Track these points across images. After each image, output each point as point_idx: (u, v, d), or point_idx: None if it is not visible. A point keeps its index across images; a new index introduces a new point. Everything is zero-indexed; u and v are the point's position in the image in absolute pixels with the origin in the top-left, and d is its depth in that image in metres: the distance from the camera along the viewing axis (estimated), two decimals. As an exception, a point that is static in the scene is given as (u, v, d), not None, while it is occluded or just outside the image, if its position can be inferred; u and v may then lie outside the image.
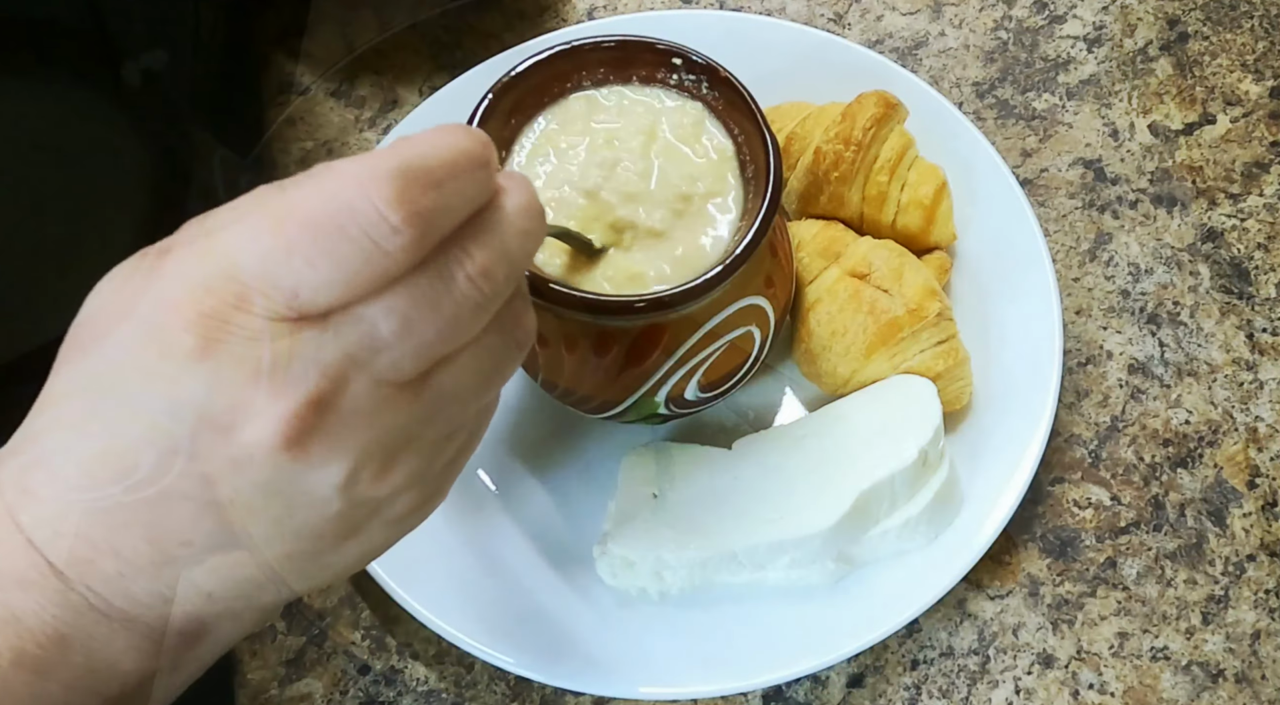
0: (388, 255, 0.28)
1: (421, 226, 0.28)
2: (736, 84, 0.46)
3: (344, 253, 0.28)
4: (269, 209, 0.28)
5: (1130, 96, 0.64)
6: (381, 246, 0.28)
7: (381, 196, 0.28)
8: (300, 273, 0.28)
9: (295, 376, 0.28)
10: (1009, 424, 0.53)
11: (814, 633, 0.49)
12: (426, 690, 0.52)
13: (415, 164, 0.29)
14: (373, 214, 0.28)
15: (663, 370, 0.47)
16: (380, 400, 0.30)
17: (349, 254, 0.28)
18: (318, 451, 0.29)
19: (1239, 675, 0.51)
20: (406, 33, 0.66)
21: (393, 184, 0.28)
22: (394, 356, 0.29)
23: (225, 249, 0.28)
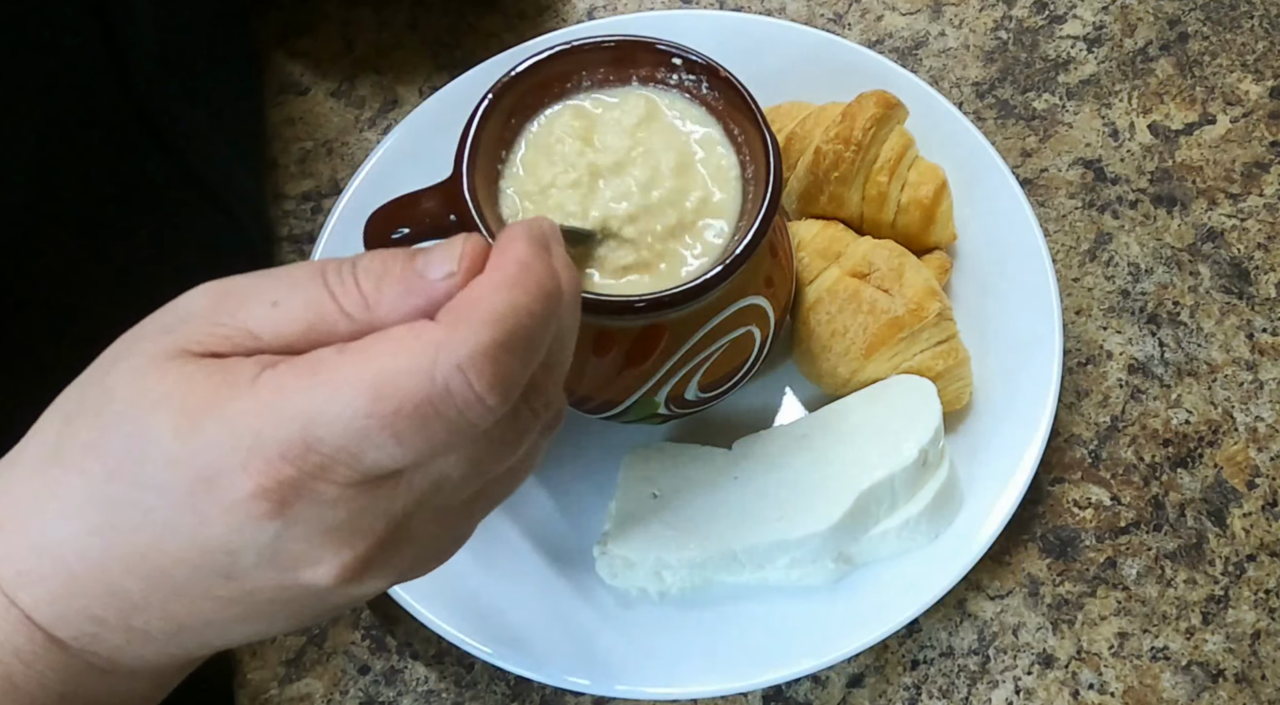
0: (476, 427, 0.28)
1: (511, 394, 0.28)
2: (736, 84, 0.46)
3: (435, 431, 0.27)
4: (354, 371, 0.27)
5: (1130, 96, 0.64)
6: (474, 422, 0.28)
7: (481, 379, 0.27)
8: (389, 450, 0.27)
9: (365, 529, 0.28)
10: (1009, 424, 0.53)
11: (814, 633, 0.49)
12: (426, 690, 0.52)
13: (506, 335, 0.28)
14: (470, 398, 0.27)
15: (663, 370, 0.47)
16: (435, 523, 0.31)
17: (439, 431, 0.27)
18: (370, 579, 0.29)
19: (1239, 675, 0.51)
20: (406, 33, 0.66)
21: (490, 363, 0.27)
22: (458, 489, 0.30)
23: (308, 413, 0.27)
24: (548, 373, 0.30)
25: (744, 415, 0.55)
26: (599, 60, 0.47)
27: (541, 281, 0.29)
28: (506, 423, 0.29)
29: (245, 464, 0.27)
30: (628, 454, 0.52)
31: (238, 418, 0.27)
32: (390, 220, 0.44)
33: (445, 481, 0.29)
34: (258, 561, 0.28)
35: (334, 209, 0.57)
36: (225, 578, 0.28)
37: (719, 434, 0.53)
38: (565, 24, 0.66)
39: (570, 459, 0.54)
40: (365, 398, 0.27)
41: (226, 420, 0.27)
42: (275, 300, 0.29)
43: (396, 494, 0.28)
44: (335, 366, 0.27)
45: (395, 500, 0.28)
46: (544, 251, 0.30)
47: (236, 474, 0.27)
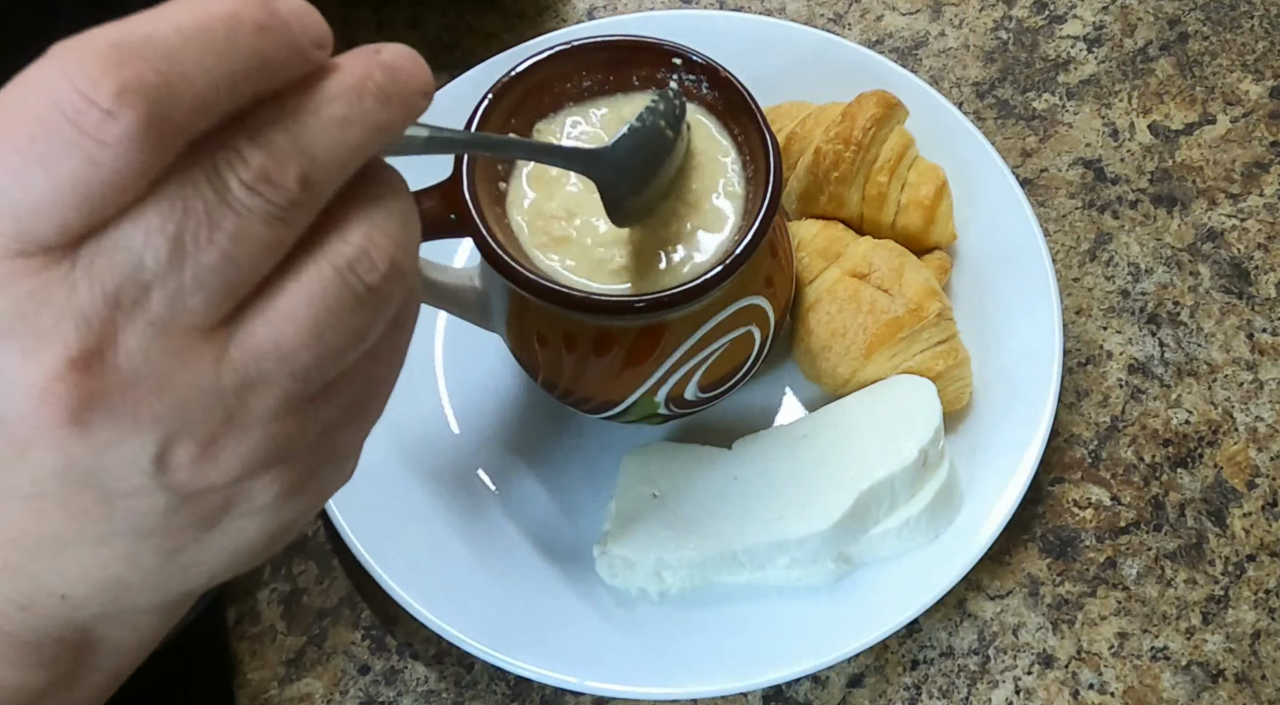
0: (110, 148, 0.21)
1: (145, 106, 0.21)
2: (736, 84, 0.46)
3: (56, 156, 0.21)
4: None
5: (1130, 96, 0.64)
6: (98, 138, 0.21)
7: (85, 75, 0.21)
8: (12, 192, 0.21)
9: (45, 328, 0.22)
10: (1009, 424, 0.53)
11: (814, 633, 0.49)
12: (426, 690, 0.52)
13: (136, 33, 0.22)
14: (76, 98, 0.21)
15: (663, 370, 0.47)
16: (170, 355, 0.23)
17: (63, 157, 0.21)
18: (102, 422, 0.23)
19: (1239, 675, 0.51)
20: (406, 33, 0.66)
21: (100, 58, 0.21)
22: (171, 292, 0.23)
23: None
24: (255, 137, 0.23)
25: (744, 415, 0.55)
26: (599, 60, 0.47)
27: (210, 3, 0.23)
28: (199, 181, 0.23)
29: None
30: (628, 454, 0.52)
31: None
32: (390, 220, 0.44)
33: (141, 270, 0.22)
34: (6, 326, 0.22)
35: (334, 209, 0.57)
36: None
37: (719, 434, 0.53)
38: (565, 24, 0.66)
39: (570, 459, 0.55)
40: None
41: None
42: None
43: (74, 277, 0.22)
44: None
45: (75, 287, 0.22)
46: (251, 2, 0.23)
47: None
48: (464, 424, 0.55)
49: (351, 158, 0.24)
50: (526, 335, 0.47)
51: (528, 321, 0.47)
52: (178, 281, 0.23)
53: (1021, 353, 0.54)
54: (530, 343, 0.47)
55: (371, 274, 0.25)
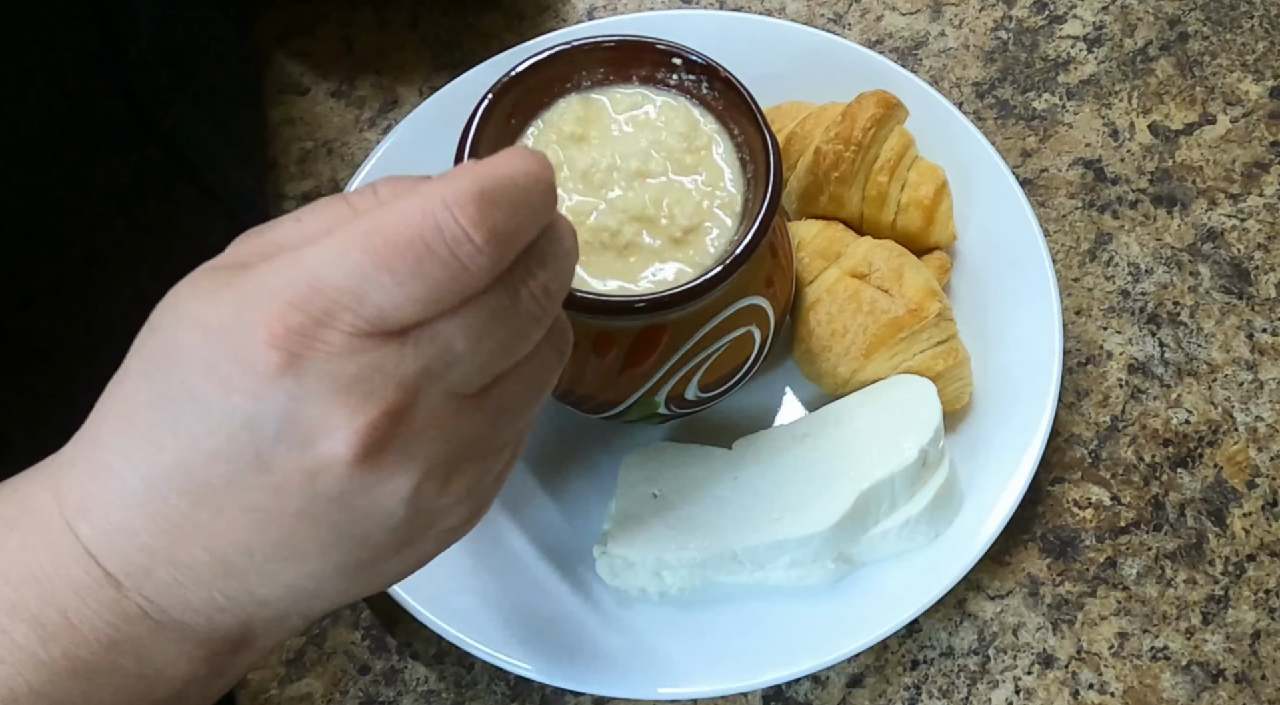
0: (469, 273, 0.29)
1: (501, 247, 0.29)
2: (736, 84, 0.46)
3: (431, 270, 0.28)
4: (355, 226, 0.29)
5: (1130, 96, 0.64)
6: (466, 265, 0.29)
7: (467, 217, 0.28)
8: (389, 289, 0.28)
9: (375, 390, 0.29)
10: (1009, 424, 0.53)
11: (814, 633, 0.49)
12: (426, 690, 0.52)
13: (493, 186, 0.29)
14: (459, 234, 0.28)
15: (663, 370, 0.47)
16: (449, 413, 0.30)
17: (435, 272, 0.28)
18: (389, 464, 0.29)
19: (1239, 675, 0.51)
20: (406, 33, 0.66)
21: (476, 205, 0.29)
22: (465, 370, 0.30)
23: (312, 264, 0.28)
24: (542, 265, 0.31)
25: (744, 415, 0.55)
26: (599, 60, 0.47)
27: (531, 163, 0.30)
28: (505, 296, 0.30)
29: (257, 316, 0.28)
30: (628, 454, 0.52)
31: (252, 281, 0.29)
32: (390, 220, 0.44)
33: (451, 354, 0.30)
34: (277, 433, 0.28)
35: (334, 209, 0.57)
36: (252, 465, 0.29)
37: (719, 434, 0.53)
38: (565, 24, 0.66)
39: (570, 459, 0.55)
40: (362, 237, 0.28)
41: (241, 287, 0.29)
42: (299, 218, 0.31)
43: (404, 353, 0.29)
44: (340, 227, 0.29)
45: (404, 361, 0.29)
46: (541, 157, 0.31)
47: (250, 328, 0.28)
48: (464, 424, 0.55)
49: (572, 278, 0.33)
50: (526, 335, 0.47)
51: (528, 321, 0.47)
52: (471, 363, 0.30)
53: (1021, 353, 0.54)
54: (530, 343, 0.47)
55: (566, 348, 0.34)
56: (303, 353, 0.28)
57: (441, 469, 0.31)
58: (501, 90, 0.46)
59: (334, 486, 0.29)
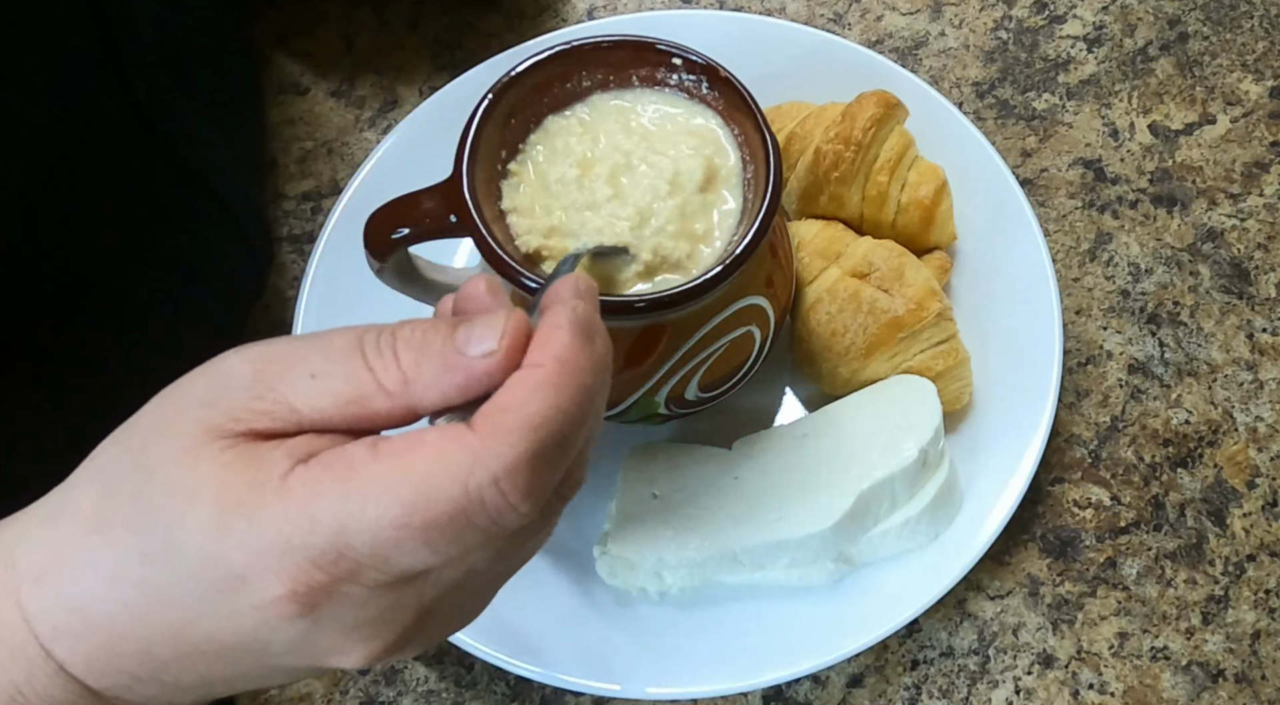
0: (507, 532, 0.28)
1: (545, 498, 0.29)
2: (736, 84, 0.46)
3: (467, 538, 0.28)
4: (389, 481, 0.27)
5: (1130, 96, 0.64)
6: (505, 528, 0.28)
7: (516, 491, 0.27)
8: (420, 556, 0.27)
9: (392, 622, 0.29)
10: (1009, 424, 0.53)
11: (814, 633, 0.49)
12: (426, 690, 0.52)
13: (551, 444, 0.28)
14: (504, 508, 0.27)
15: (663, 370, 0.47)
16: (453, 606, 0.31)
17: (471, 538, 0.28)
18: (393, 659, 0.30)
19: (1239, 675, 0.51)
20: (406, 33, 0.66)
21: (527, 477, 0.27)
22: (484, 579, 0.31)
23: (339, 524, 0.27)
24: (579, 459, 0.31)
25: (744, 415, 0.55)
26: (599, 60, 0.47)
27: (582, 381, 0.29)
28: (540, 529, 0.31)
29: (276, 568, 0.27)
30: (628, 454, 0.52)
31: (269, 522, 0.27)
32: (390, 220, 0.44)
33: (473, 572, 0.30)
34: (287, 650, 0.29)
35: (334, 209, 0.57)
36: (257, 655, 0.29)
37: (719, 434, 0.53)
38: (565, 24, 0.66)
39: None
40: (399, 508, 0.27)
41: (258, 523, 0.27)
42: (314, 372, 0.29)
43: (425, 589, 0.29)
44: (369, 472, 0.27)
45: (424, 595, 0.29)
46: (588, 343, 0.30)
47: (267, 577, 0.27)
48: (464, 424, 0.55)
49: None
50: (526, 335, 0.47)
51: (528, 321, 0.47)
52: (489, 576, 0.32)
53: (1021, 353, 0.54)
54: (530, 343, 0.47)
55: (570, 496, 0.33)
56: (319, 603, 0.28)
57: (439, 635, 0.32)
58: (501, 90, 0.45)
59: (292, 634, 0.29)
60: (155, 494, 0.28)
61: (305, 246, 0.61)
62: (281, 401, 0.29)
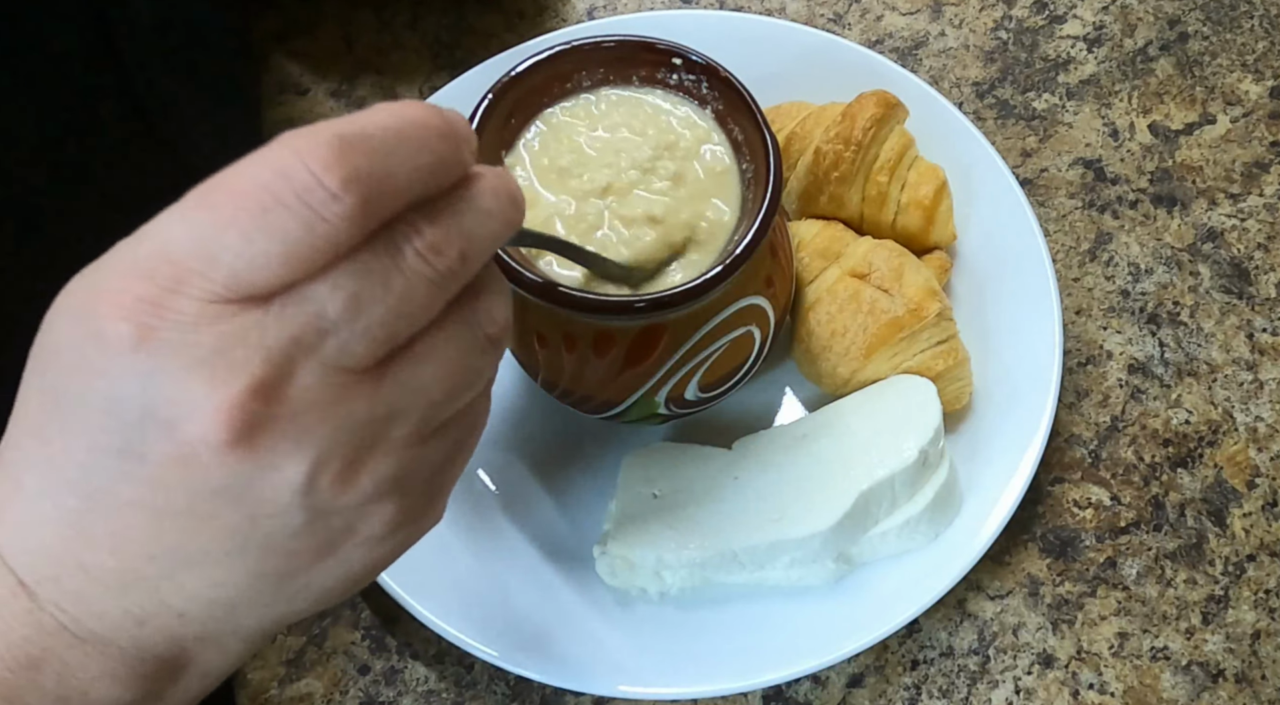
0: (328, 224, 0.26)
1: (362, 192, 0.26)
2: (736, 84, 0.46)
3: (281, 224, 0.25)
4: (202, 187, 0.26)
5: (1130, 96, 0.64)
6: (321, 214, 0.26)
7: (318, 160, 0.26)
8: (237, 248, 0.25)
9: (236, 363, 0.26)
10: (1009, 424, 0.53)
11: (814, 633, 0.49)
12: (426, 690, 0.52)
13: (354, 131, 0.26)
14: (309, 179, 0.25)
15: (663, 370, 0.47)
16: (333, 390, 0.27)
17: (287, 225, 0.26)
18: (267, 445, 0.26)
19: (1239, 675, 0.51)
20: (406, 33, 0.66)
21: (330, 148, 0.26)
22: (344, 339, 0.27)
23: (158, 231, 0.26)
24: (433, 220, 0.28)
25: (744, 415, 0.55)
26: (599, 60, 0.47)
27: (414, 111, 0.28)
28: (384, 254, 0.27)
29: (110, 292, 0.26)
30: (628, 454, 0.52)
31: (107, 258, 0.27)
32: (390, 220, 0.44)
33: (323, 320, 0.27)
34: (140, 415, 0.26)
35: (334, 209, 0.57)
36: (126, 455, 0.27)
37: (719, 434, 0.53)
38: (565, 24, 0.66)
39: (570, 459, 0.55)
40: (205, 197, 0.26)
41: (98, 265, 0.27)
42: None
43: (267, 320, 0.26)
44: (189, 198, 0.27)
45: (267, 328, 0.26)
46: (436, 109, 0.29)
47: (99, 302, 0.26)
48: (464, 424, 0.55)
49: (494, 243, 0.30)
50: (526, 335, 0.47)
51: (528, 321, 0.47)
52: (350, 331, 0.27)
53: (1021, 353, 0.54)
54: (530, 343, 0.47)
55: (492, 327, 0.30)
56: (153, 323, 0.26)
57: (337, 458, 0.27)
58: (501, 90, 0.46)
59: (212, 477, 0.26)
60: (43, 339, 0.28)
61: (305, 246, 0.61)
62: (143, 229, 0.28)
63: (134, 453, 0.26)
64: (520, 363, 0.50)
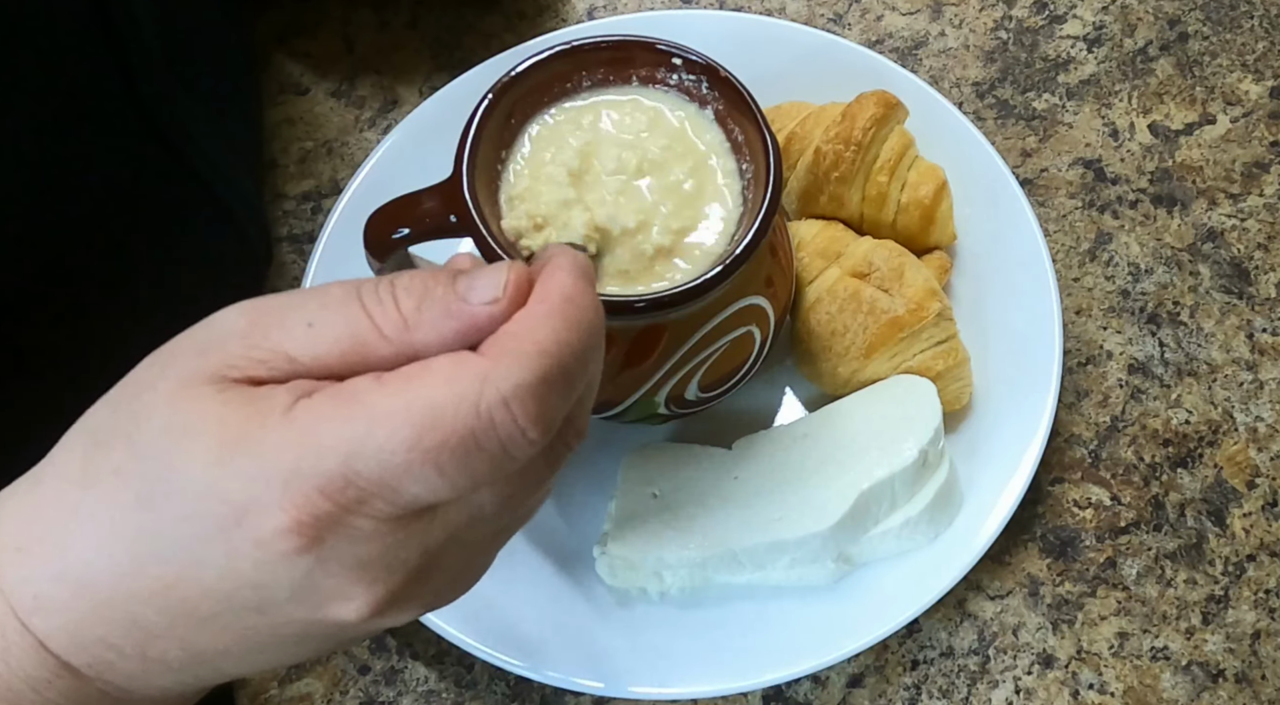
0: (516, 461, 0.28)
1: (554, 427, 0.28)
2: (736, 84, 0.46)
3: (476, 464, 0.27)
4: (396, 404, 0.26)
5: (1130, 96, 0.64)
6: (515, 457, 0.27)
7: (526, 415, 0.27)
8: (429, 483, 0.27)
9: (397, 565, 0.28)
10: (1009, 424, 0.53)
11: (814, 633, 0.49)
12: (426, 690, 0.52)
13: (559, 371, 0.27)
14: (514, 432, 0.27)
15: (663, 370, 0.47)
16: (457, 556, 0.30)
17: (480, 465, 0.27)
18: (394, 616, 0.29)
19: (1239, 675, 0.51)
20: (406, 33, 0.66)
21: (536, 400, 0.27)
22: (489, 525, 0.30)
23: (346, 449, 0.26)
24: (581, 404, 0.30)
25: (744, 415, 0.55)
26: (599, 60, 0.47)
27: (586, 315, 0.29)
28: (541, 456, 0.29)
29: (280, 499, 0.26)
30: (628, 454, 0.52)
31: (272, 450, 0.26)
32: (390, 220, 0.44)
33: (479, 515, 0.29)
34: (289, 597, 0.27)
35: (334, 209, 0.57)
36: (254, 612, 0.28)
37: (719, 434, 0.53)
38: (565, 24, 0.66)
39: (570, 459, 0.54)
40: (409, 430, 0.26)
41: (261, 453, 0.26)
42: (310, 321, 0.28)
43: (432, 528, 0.28)
44: (375, 397, 0.27)
45: (430, 534, 0.28)
46: (588, 285, 0.30)
47: (271, 509, 0.26)
48: (464, 424, 0.55)
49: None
50: (526, 335, 0.47)
51: (528, 321, 0.47)
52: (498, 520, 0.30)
53: (1021, 353, 0.54)
54: (530, 343, 0.47)
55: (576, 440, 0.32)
56: (327, 538, 0.26)
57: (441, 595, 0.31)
58: (501, 90, 0.45)
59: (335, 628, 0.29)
60: (149, 436, 0.27)
61: (305, 246, 0.61)
62: (278, 350, 0.28)
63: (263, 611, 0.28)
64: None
